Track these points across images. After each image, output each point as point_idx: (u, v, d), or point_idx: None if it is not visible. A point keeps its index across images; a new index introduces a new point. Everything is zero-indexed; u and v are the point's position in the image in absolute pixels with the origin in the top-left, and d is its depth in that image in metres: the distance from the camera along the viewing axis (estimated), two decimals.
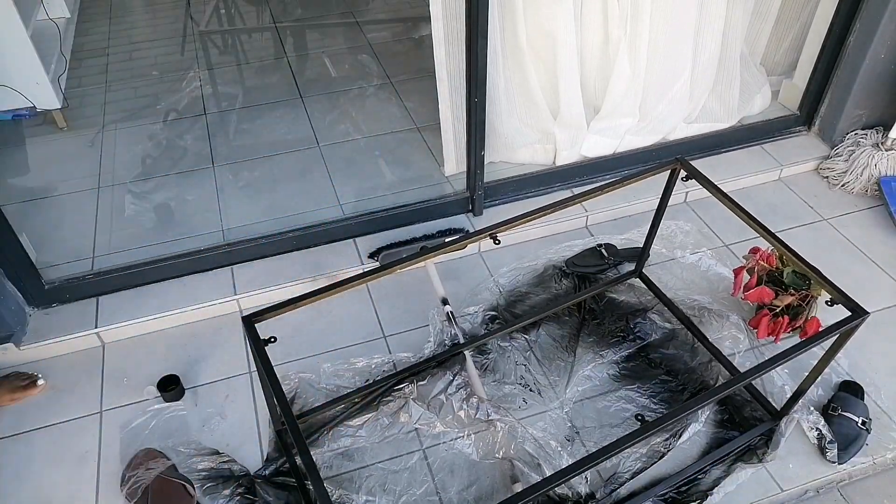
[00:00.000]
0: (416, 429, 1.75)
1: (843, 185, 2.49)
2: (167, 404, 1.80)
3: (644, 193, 2.31)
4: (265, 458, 1.69)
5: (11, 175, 2.52)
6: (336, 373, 1.86)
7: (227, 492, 1.60)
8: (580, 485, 1.61)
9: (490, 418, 1.71)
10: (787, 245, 1.58)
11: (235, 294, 2.03)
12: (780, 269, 1.93)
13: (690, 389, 1.84)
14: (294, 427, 1.25)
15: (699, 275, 2.17)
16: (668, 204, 1.90)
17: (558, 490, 1.60)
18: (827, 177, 2.54)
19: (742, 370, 1.81)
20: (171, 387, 1.80)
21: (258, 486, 1.62)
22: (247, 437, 1.74)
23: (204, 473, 1.64)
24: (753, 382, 1.81)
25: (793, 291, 1.88)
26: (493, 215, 2.26)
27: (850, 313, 1.47)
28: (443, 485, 1.65)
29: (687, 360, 1.90)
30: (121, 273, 2.01)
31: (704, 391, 1.81)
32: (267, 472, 1.66)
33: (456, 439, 1.72)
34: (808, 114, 2.64)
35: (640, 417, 1.77)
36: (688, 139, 2.53)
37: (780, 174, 2.55)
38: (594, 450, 1.29)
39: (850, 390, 1.81)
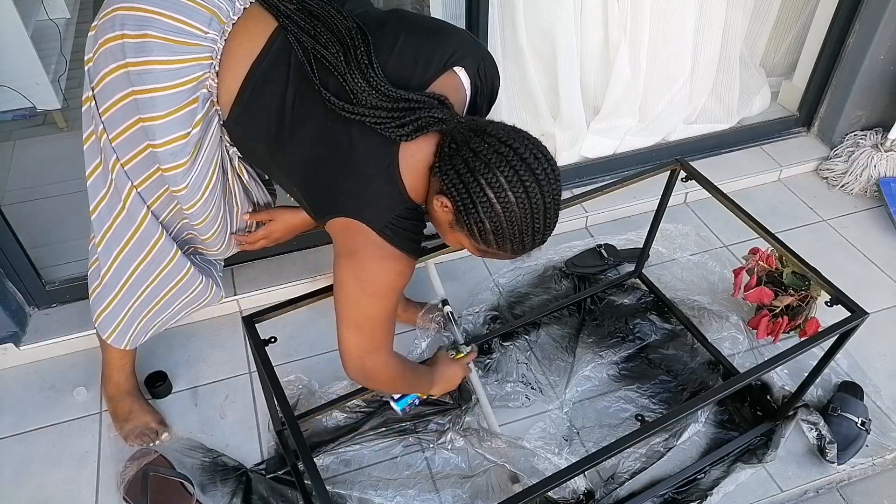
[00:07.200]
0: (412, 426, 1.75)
1: (842, 186, 2.49)
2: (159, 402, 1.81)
3: (644, 194, 2.31)
4: (264, 455, 1.69)
5: (11, 175, 2.52)
6: (336, 374, 1.85)
7: (226, 489, 1.61)
8: (581, 482, 1.61)
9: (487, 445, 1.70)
10: (786, 246, 1.58)
11: (235, 294, 2.03)
12: (780, 270, 1.93)
13: (690, 389, 1.84)
14: (295, 428, 1.25)
15: (699, 275, 2.17)
16: (668, 205, 1.90)
17: (558, 490, 1.61)
18: (826, 178, 2.54)
19: (742, 370, 1.81)
20: (158, 383, 1.80)
21: (256, 483, 1.62)
22: (247, 438, 1.74)
23: (201, 471, 1.64)
24: (752, 383, 1.81)
25: (792, 292, 1.88)
26: None
27: (849, 314, 1.47)
28: (439, 483, 1.65)
29: (687, 361, 1.91)
30: None
31: (704, 391, 1.81)
32: (264, 467, 1.66)
33: (452, 439, 1.72)
34: (807, 115, 2.64)
35: (640, 417, 1.78)
36: (687, 140, 2.53)
37: (780, 175, 2.55)
38: (594, 450, 1.29)
39: (850, 391, 1.81)
